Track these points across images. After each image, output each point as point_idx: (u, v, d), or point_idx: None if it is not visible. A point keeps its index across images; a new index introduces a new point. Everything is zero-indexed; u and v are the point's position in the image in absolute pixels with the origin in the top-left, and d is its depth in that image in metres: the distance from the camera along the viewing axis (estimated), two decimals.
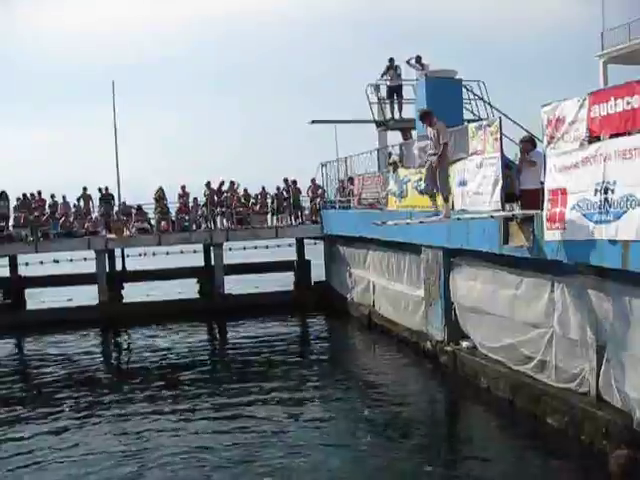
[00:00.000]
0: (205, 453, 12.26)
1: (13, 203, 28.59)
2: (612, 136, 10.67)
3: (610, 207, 10.51)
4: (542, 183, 12.59)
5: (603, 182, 10.64)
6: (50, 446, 12.94)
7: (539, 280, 13.52)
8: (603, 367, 11.69)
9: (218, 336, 25.38)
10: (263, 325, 25.15)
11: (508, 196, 14.31)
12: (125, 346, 24.12)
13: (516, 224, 13.54)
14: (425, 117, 14.23)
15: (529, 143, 14.11)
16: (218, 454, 12.19)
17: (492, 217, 14.08)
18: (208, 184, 30.08)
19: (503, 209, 14.10)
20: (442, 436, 13.49)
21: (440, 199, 14.36)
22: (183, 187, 29.89)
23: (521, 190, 13.96)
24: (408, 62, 23.99)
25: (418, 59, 23.79)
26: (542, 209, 12.32)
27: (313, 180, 30.34)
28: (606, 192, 10.59)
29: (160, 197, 29.41)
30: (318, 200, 29.57)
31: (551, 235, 12.06)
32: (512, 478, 10.95)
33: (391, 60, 24.95)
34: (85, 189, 29.99)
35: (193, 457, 12.08)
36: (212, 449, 12.44)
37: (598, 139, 11.02)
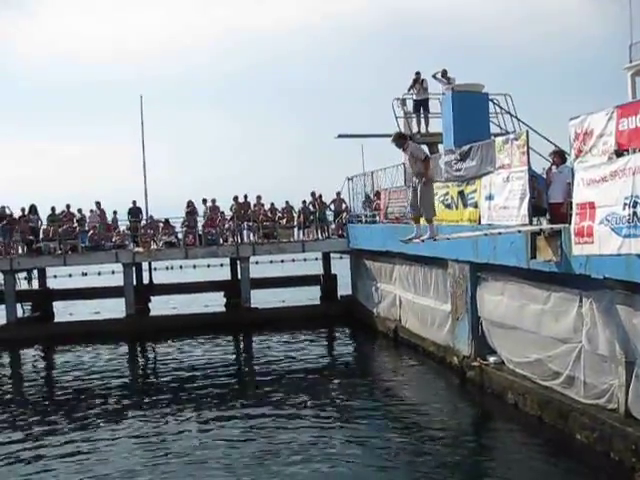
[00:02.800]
0: (226, 463, 12.31)
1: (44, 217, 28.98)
2: None
3: (639, 221, 10.41)
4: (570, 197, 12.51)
5: (632, 196, 10.54)
6: (72, 454, 13.16)
7: (567, 295, 13.41)
8: (632, 383, 11.56)
9: (244, 350, 25.37)
10: (289, 339, 25.11)
11: (536, 210, 14.24)
12: (151, 359, 24.21)
13: (544, 238, 13.44)
14: (399, 140, 13.89)
15: (558, 156, 14.05)
16: (238, 465, 12.26)
17: (519, 231, 14.01)
18: (235, 198, 30.26)
19: (530, 223, 14.02)
20: (468, 452, 13.34)
21: (423, 220, 14.15)
22: (213, 200, 30.08)
23: (549, 204, 13.89)
24: (434, 76, 23.95)
25: (444, 73, 23.74)
26: (570, 223, 12.23)
27: (338, 194, 30.37)
28: (635, 206, 10.49)
29: (191, 211, 29.62)
30: (344, 214, 29.56)
31: (579, 249, 11.96)
32: None
33: (417, 74, 24.93)
34: (98, 204, 30.26)
35: (216, 465, 12.14)
36: (232, 459, 12.55)
37: (627, 152, 10.94)
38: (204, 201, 30.36)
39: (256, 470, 12.06)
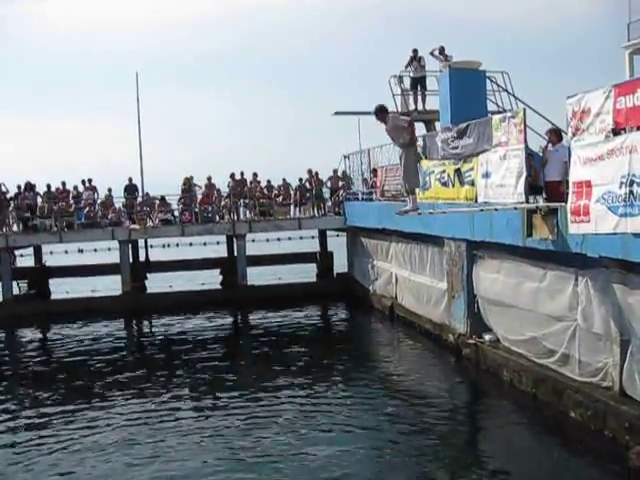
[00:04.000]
0: (221, 439, 12.48)
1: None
2: (638, 128, 10.56)
3: (635, 200, 10.39)
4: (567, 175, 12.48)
5: (629, 175, 10.51)
6: (66, 428, 13.34)
7: (563, 273, 13.43)
8: (627, 361, 11.62)
9: (240, 327, 25.43)
10: (285, 316, 25.16)
11: (532, 188, 14.22)
12: (148, 336, 24.26)
13: (540, 216, 13.44)
14: (381, 114, 13.49)
15: (554, 134, 14.01)
16: (231, 441, 12.41)
17: (515, 208, 14.01)
18: (232, 175, 30.17)
19: (527, 201, 14.00)
20: (462, 429, 13.44)
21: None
22: (209, 178, 29.98)
23: (546, 182, 13.87)
24: (432, 53, 23.83)
25: (441, 50, 23.63)
26: (566, 201, 12.22)
27: (335, 171, 30.31)
28: (631, 185, 10.47)
29: (188, 188, 29.53)
30: (341, 192, 29.52)
31: (575, 228, 11.95)
32: (534, 472, 10.88)
33: (415, 51, 24.79)
34: (90, 180, 30.20)
35: (213, 439, 12.33)
36: (226, 436, 12.70)
37: (624, 131, 10.90)
38: (232, 175, 30.34)
39: (247, 439, 12.35)
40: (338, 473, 10.90)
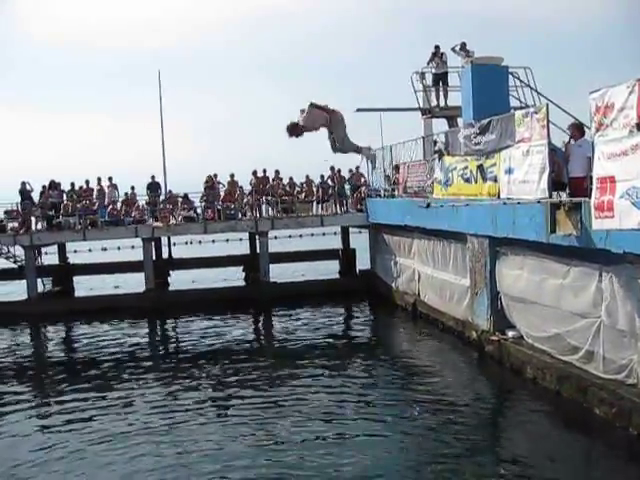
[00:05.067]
0: (250, 435, 12.47)
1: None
2: None
3: None
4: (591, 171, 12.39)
5: None
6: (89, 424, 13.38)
7: (587, 269, 13.33)
8: None
9: (263, 323, 25.49)
10: (308, 313, 25.19)
11: (555, 184, 14.14)
12: (171, 332, 24.37)
13: (563, 212, 13.34)
14: (293, 131, 12.41)
15: (577, 129, 13.91)
16: (258, 437, 12.45)
17: (539, 202, 13.93)
18: (254, 173, 30.24)
19: (550, 197, 13.93)
20: (486, 426, 13.40)
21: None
22: (232, 175, 30.06)
23: (569, 178, 13.78)
24: (453, 49, 23.76)
25: (463, 46, 23.55)
26: (590, 197, 12.13)
27: (357, 168, 30.29)
28: None
29: (211, 186, 29.63)
30: (363, 188, 29.49)
31: (599, 224, 11.87)
32: (558, 469, 10.81)
33: (437, 47, 24.75)
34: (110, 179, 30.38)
35: (236, 436, 12.31)
36: (253, 432, 12.70)
37: None
38: (254, 173, 30.44)
39: (270, 433, 12.53)
40: (362, 466, 10.97)
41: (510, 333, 16.63)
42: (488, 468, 10.94)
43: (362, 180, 29.96)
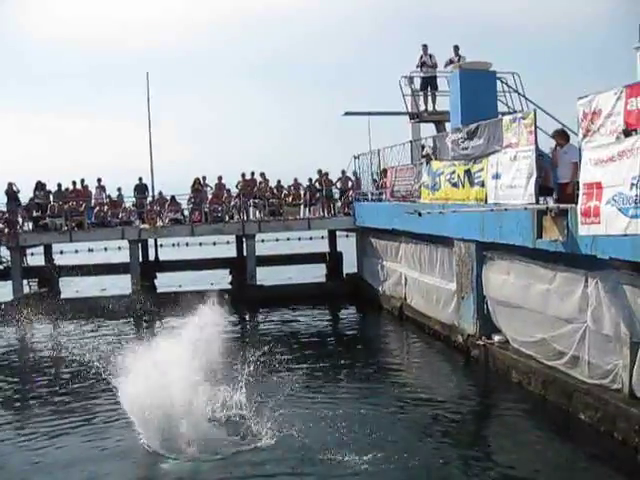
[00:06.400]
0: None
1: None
2: None
3: None
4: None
5: (639, 176, 10.48)
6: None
7: (573, 275, 13.39)
8: (637, 363, 11.58)
9: (250, 326, 25.44)
10: (295, 316, 25.17)
11: (542, 189, 14.20)
12: (158, 334, 24.23)
13: (550, 218, 13.41)
14: None
15: (561, 136, 13.97)
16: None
17: (526, 209, 13.99)
18: (243, 175, 30.20)
19: (537, 202, 13.98)
20: (472, 430, 13.42)
21: None
22: (219, 178, 30.02)
23: (557, 183, 13.84)
24: (449, 64, 23.69)
25: (456, 49, 23.57)
26: (577, 203, 12.18)
27: (343, 172, 30.31)
28: None
29: (198, 188, 29.58)
30: (350, 192, 29.50)
31: (585, 229, 11.91)
32: (542, 474, 10.84)
33: (425, 47, 24.79)
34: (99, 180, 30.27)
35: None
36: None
37: (635, 132, 10.86)
38: (243, 175, 30.37)
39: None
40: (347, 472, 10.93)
41: (496, 338, 16.68)
42: (471, 473, 10.96)
43: (349, 184, 29.96)
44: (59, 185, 29.55)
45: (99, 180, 30.12)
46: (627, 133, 10.96)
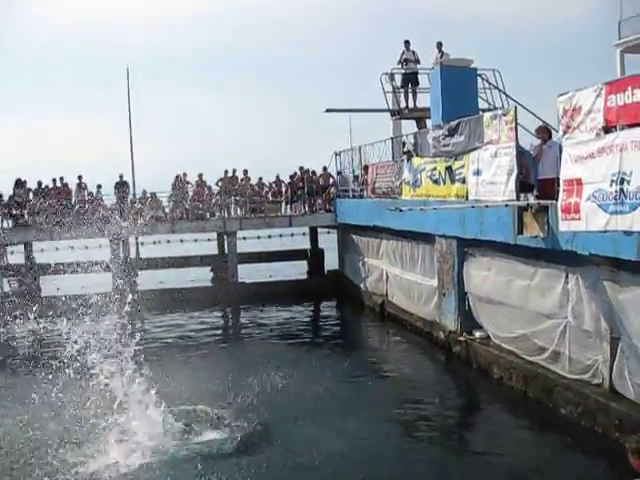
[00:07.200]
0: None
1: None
2: (629, 126, 10.59)
3: (626, 198, 10.44)
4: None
5: (619, 173, 10.56)
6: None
7: (553, 271, 13.48)
8: (617, 359, 11.68)
9: (232, 323, 25.43)
10: (276, 313, 25.19)
11: (523, 186, 14.26)
12: (139, 331, 24.15)
13: (531, 214, 13.46)
14: None
15: (546, 132, 14.06)
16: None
17: (506, 205, 14.05)
18: (225, 172, 30.10)
19: (518, 199, 14.05)
20: (454, 426, 13.47)
21: None
22: (200, 175, 29.90)
23: (538, 180, 13.90)
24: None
25: (439, 46, 23.63)
26: (557, 199, 12.25)
27: (325, 168, 30.28)
28: (622, 183, 10.52)
29: (179, 186, 29.44)
30: (332, 189, 29.49)
31: (566, 225, 11.99)
32: (524, 468, 10.89)
33: (407, 42, 24.83)
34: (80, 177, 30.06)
35: None
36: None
37: (614, 129, 10.94)
38: (225, 172, 30.20)
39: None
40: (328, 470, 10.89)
41: (477, 334, 16.74)
42: (453, 469, 11.01)
43: (331, 180, 29.95)
44: (39, 183, 29.28)
45: (79, 177, 29.86)
46: (607, 130, 11.05)
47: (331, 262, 30.82)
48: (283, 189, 30.33)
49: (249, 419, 12.94)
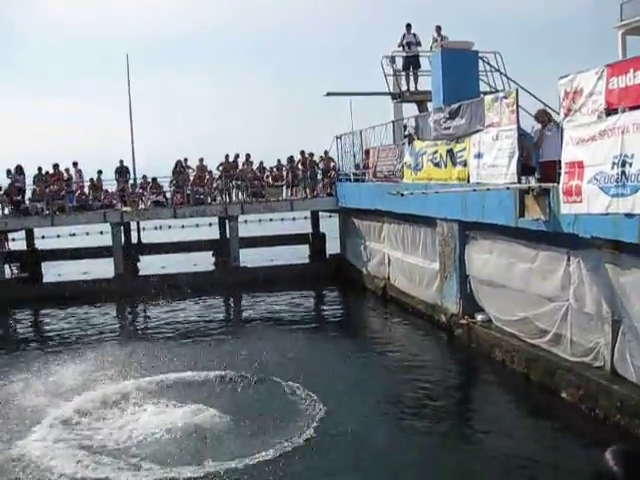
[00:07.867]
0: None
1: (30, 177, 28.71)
2: (631, 108, 10.56)
3: (627, 181, 10.44)
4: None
5: (620, 155, 10.55)
6: None
7: (555, 254, 13.46)
8: (618, 341, 11.69)
9: (234, 307, 25.47)
10: (278, 297, 25.18)
11: (524, 169, 14.24)
12: (141, 317, 24.25)
13: (532, 197, 13.45)
14: None
15: (546, 114, 14.01)
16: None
17: (508, 188, 14.03)
18: (226, 157, 30.04)
19: (519, 182, 14.03)
20: (456, 409, 13.50)
21: None
22: (201, 160, 29.83)
23: (539, 162, 13.87)
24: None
25: (438, 29, 23.55)
26: (558, 182, 12.23)
27: (326, 152, 30.21)
28: (623, 165, 10.51)
29: (180, 171, 29.42)
30: (332, 173, 29.43)
31: (567, 208, 11.99)
32: (525, 451, 10.92)
33: (408, 26, 24.71)
34: (75, 164, 29.98)
35: None
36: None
37: (616, 111, 10.90)
38: (226, 157, 30.15)
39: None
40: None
41: (479, 317, 16.76)
42: (454, 451, 11.05)
43: (332, 164, 29.88)
44: (39, 169, 29.23)
45: (75, 164, 29.76)
46: (608, 112, 11.02)
47: (333, 246, 30.81)
48: (284, 173, 30.28)
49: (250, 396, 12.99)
